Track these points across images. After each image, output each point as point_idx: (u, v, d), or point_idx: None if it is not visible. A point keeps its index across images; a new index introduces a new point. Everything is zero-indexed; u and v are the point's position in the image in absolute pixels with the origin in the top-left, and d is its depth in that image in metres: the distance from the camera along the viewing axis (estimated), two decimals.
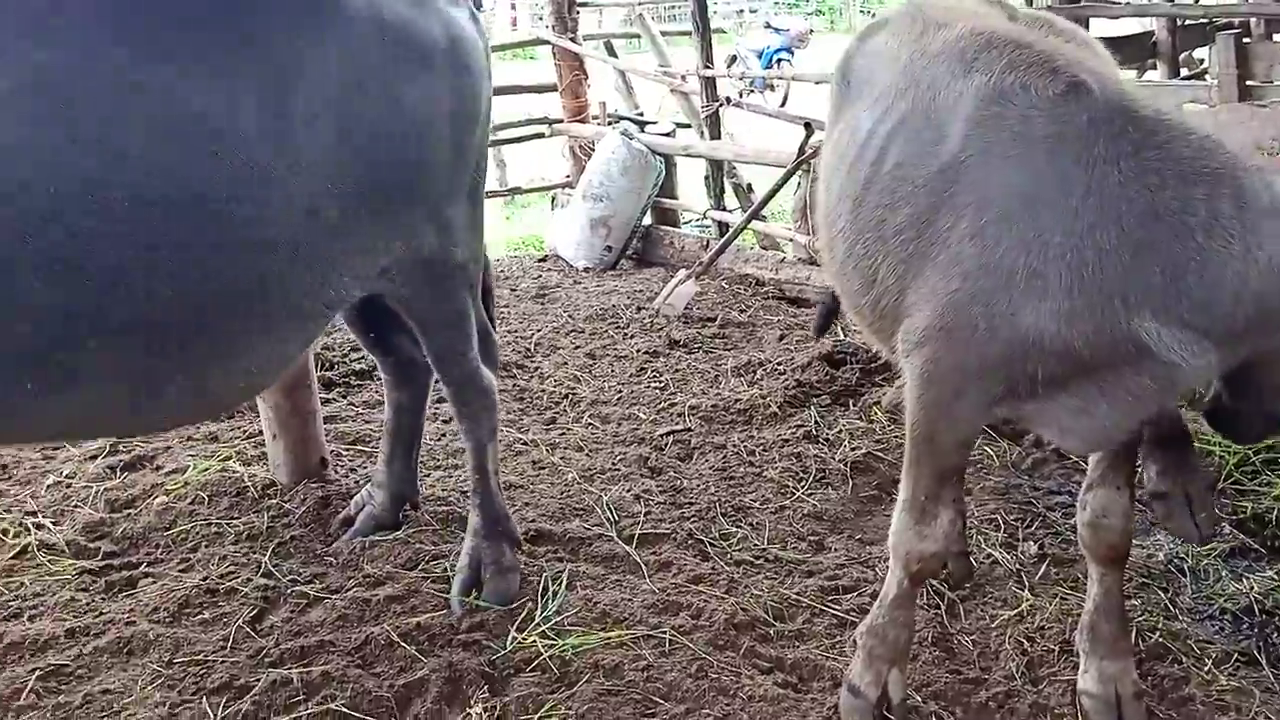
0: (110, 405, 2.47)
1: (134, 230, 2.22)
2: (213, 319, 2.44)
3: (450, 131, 2.87)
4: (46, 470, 4.16)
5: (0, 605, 3.23)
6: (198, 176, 2.29)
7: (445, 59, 2.84)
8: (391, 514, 3.64)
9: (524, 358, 5.46)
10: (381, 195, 2.70)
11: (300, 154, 2.46)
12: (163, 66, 2.27)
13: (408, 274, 2.91)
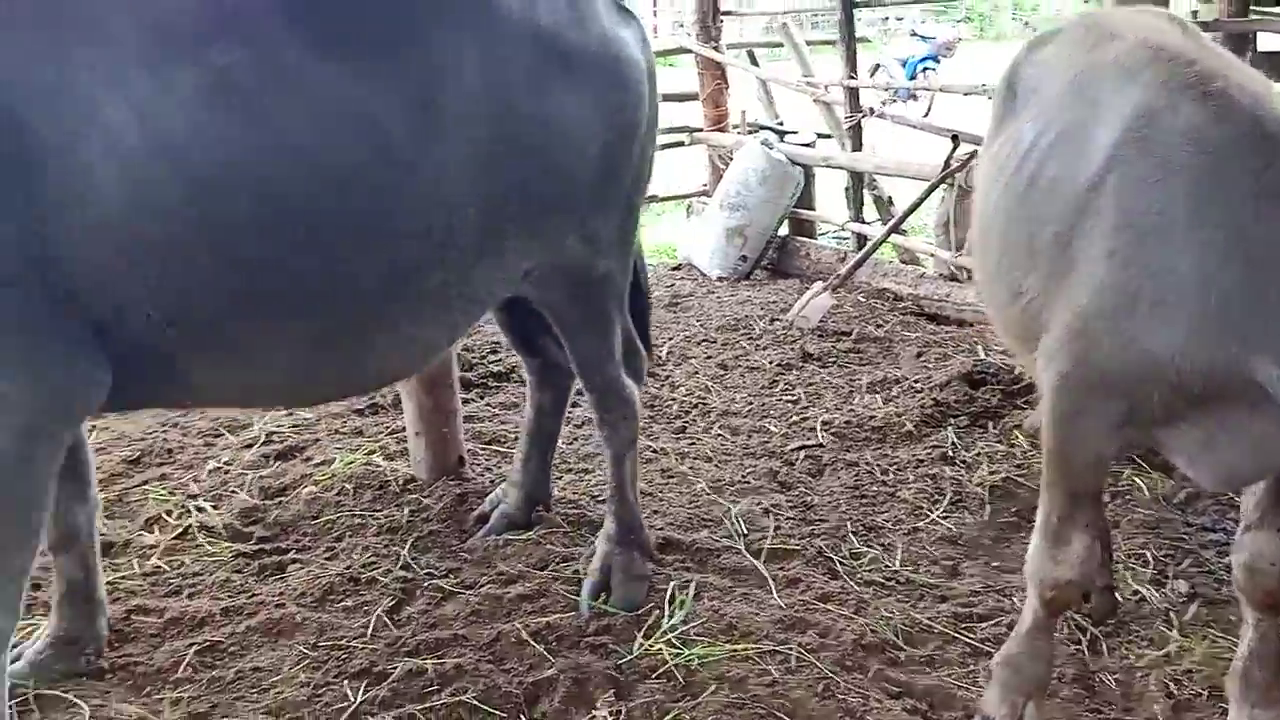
0: (273, 376, 2.70)
1: (298, 214, 2.43)
2: (363, 300, 2.62)
3: (600, 146, 2.90)
4: (208, 456, 4.41)
5: (163, 582, 3.45)
6: (354, 167, 2.47)
7: (600, 74, 2.87)
8: (524, 514, 3.72)
9: (655, 366, 5.49)
10: (524, 200, 2.78)
11: (447, 152, 2.58)
12: (327, 66, 2.44)
13: (551, 280, 2.99)
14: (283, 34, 2.42)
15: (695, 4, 8.41)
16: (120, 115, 2.23)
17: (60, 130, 2.20)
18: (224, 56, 2.34)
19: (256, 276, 2.44)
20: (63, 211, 2.22)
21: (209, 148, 2.30)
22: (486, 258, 2.78)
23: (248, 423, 4.78)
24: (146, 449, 4.50)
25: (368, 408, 4.93)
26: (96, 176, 2.22)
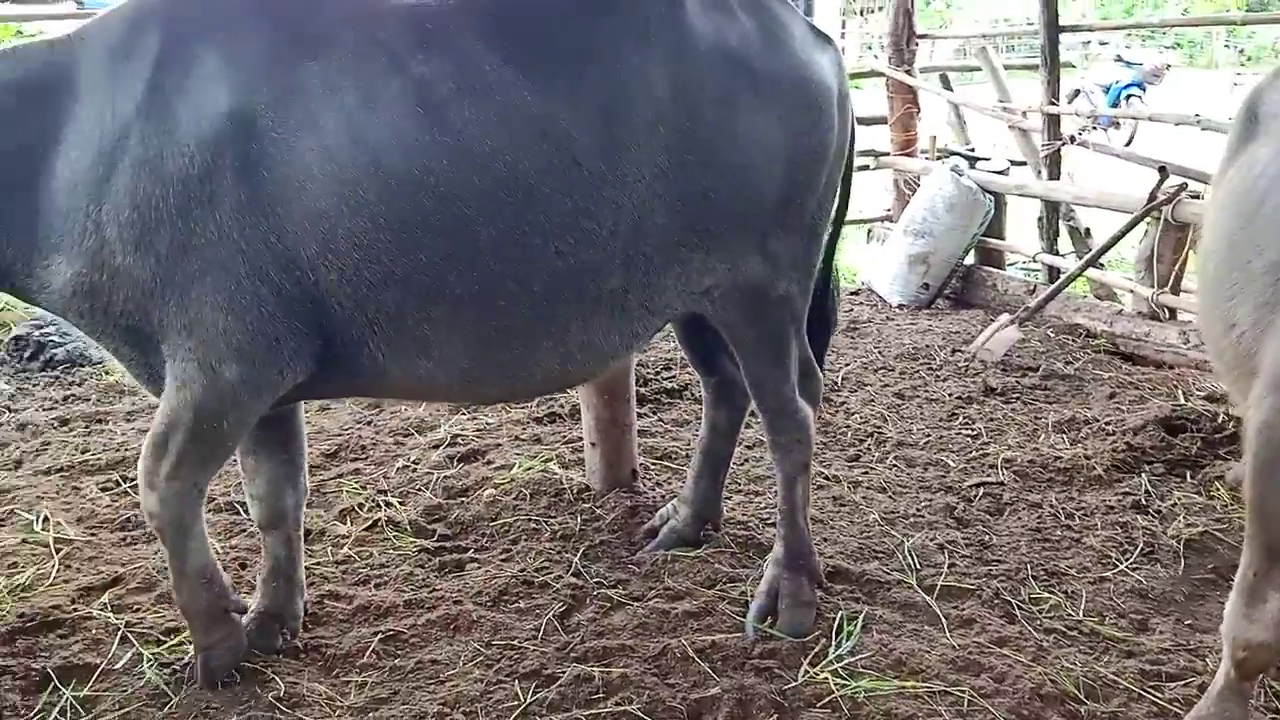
0: (450, 371, 2.85)
1: (480, 217, 2.60)
2: (545, 299, 2.75)
3: (785, 166, 2.91)
4: (397, 454, 4.65)
5: (353, 571, 3.65)
6: (536, 173, 2.63)
7: (789, 97, 2.89)
8: (693, 531, 3.75)
9: (830, 391, 5.44)
10: (705, 217, 2.84)
11: (630, 163, 2.70)
12: (518, 77, 2.62)
13: (730, 298, 3.00)
14: (479, 47, 2.63)
15: (890, 26, 8.31)
16: (333, 120, 2.54)
17: (286, 132, 2.53)
18: (423, 67, 2.59)
19: (438, 274, 2.63)
20: (278, 205, 2.54)
21: (403, 151, 2.55)
22: (667, 270, 2.86)
23: (435, 424, 5.01)
24: (343, 444, 4.79)
25: (546, 416, 5.08)
26: (310, 175, 2.53)
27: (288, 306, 2.61)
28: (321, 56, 2.58)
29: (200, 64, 2.54)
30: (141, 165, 2.52)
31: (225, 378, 2.64)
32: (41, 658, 3.09)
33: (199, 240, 2.54)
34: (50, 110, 2.59)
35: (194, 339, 2.62)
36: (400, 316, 2.67)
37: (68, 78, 2.61)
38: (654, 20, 2.75)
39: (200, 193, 2.51)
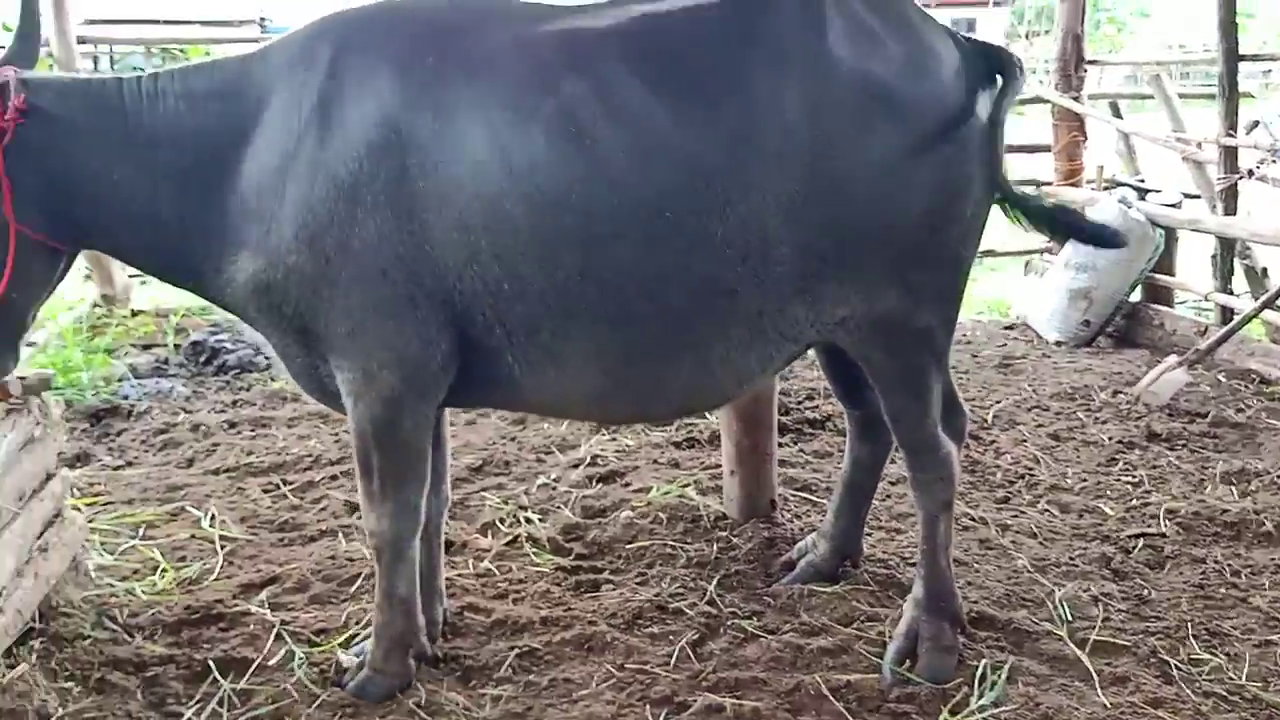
0: (585, 386, 2.91)
1: (616, 235, 2.69)
2: (677, 319, 2.80)
3: (926, 199, 2.84)
4: (539, 471, 4.74)
5: (492, 585, 3.74)
6: (670, 195, 2.69)
7: (935, 130, 2.82)
8: (832, 566, 3.69)
9: (980, 429, 5.27)
10: (839, 246, 2.81)
11: (764, 188, 2.71)
12: (655, 102, 2.70)
13: (866, 330, 2.95)
14: (623, 72, 2.71)
15: (1057, 51, 8.03)
16: (484, 137, 2.67)
17: (441, 146, 2.66)
18: (570, 90, 2.68)
19: (574, 289, 2.71)
20: (430, 216, 2.67)
21: (546, 169, 2.65)
22: (802, 296, 2.84)
23: (576, 443, 5.09)
24: (487, 458, 4.91)
25: (685, 441, 5.10)
26: (461, 187, 2.66)
27: (438, 312, 2.74)
28: (480, 77, 2.71)
29: (369, 79, 2.70)
30: (316, 168, 2.68)
31: (387, 381, 2.78)
32: (204, 649, 3.27)
33: (360, 244, 2.67)
34: (241, 116, 2.78)
35: (356, 343, 2.76)
36: (535, 329, 2.77)
37: (257, 87, 2.79)
38: (794, 50, 2.75)
39: (363, 198, 2.66)
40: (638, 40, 2.79)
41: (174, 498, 4.50)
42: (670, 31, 2.82)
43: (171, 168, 2.77)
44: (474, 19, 2.86)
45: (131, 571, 3.83)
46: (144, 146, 2.76)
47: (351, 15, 2.91)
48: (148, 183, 2.77)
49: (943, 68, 2.87)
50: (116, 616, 3.42)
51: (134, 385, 6.06)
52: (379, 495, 2.94)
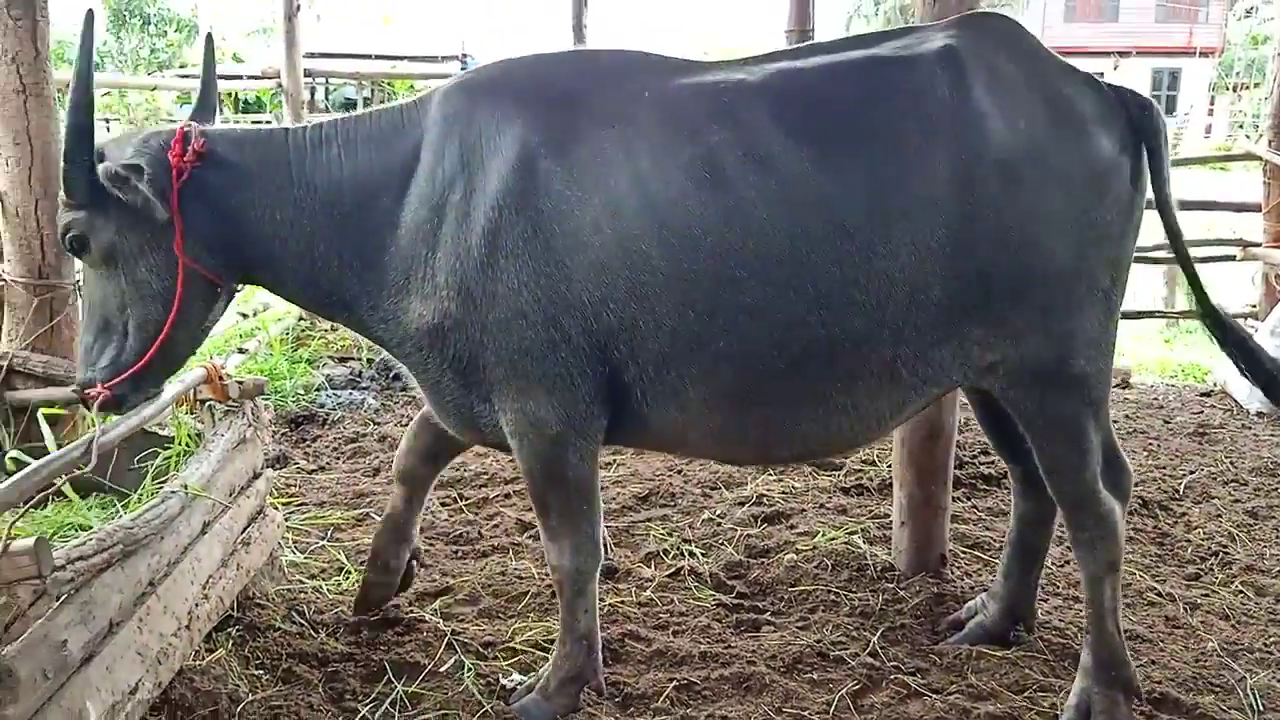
0: (710, 424, 2.99)
1: (750, 279, 2.76)
2: (805, 364, 2.83)
3: (1072, 245, 2.83)
4: (704, 506, 4.78)
5: (653, 615, 3.78)
6: (810, 242, 2.74)
7: (1076, 175, 2.82)
8: (1002, 629, 3.56)
9: (1169, 499, 4.99)
10: (985, 294, 2.81)
11: (904, 239, 2.75)
12: (797, 152, 2.78)
13: (1015, 376, 2.92)
14: (767, 123, 2.80)
15: (1271, 107, 7.58)
16: (623, 182, 2.78)
17: (577, 191, 2.79)
18: (714, 137, 2.78)
19: (703, 330, 2.79)
20: (567, 256, 2.78)
21: (684, 212, 2.75)
22: (944, 343, 2.86)
23: (742, 482, 5.10)
24: (654, 489, 4.98)
25: (854, 488, 5.03)
26: (599, 229, 2.77)
27: (581, 351, 2.84)
28: (619, 125, 2.83)
29: (508, 129, 2.84)
30: (463, 217, 2.82)
31: (543, 418, 2.90)
32: (380, 651, 3.45)
33: (504, 288, 2.80)
34: (396, 164, 2.95)
35: (512, 385, 2.89)
36: (664, 367, 2.85)
37: (411, 136, 2.96)
38: (937, 104, 2.80)
39: (503, 243, 2.79)
40: (784, 91, 2.87)
41: (360, 504, 4.76)
42: (811, 85, 2.90)
43: (330, 210, 2.96)
44: (613, 71, 3.01)
45: (319, 570, 4.08)
46: (304, 190, 2.95)
47: (496, 68, 3.12)
48: (307, 224, 2.95)
49: (1082, 116, 2.87)
50: (304, 612, 3.65)
51: (330, 395, 6.46)
52: (556, 531, 3.07)
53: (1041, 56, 2.95)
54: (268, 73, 8.59)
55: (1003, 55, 2.89)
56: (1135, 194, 2.93)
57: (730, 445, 3.14)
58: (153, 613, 2.84)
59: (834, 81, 2.90)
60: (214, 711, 2.97)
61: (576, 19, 8.39)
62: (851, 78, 2.89)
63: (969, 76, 2.81)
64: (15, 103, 3.97)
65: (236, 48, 36.28)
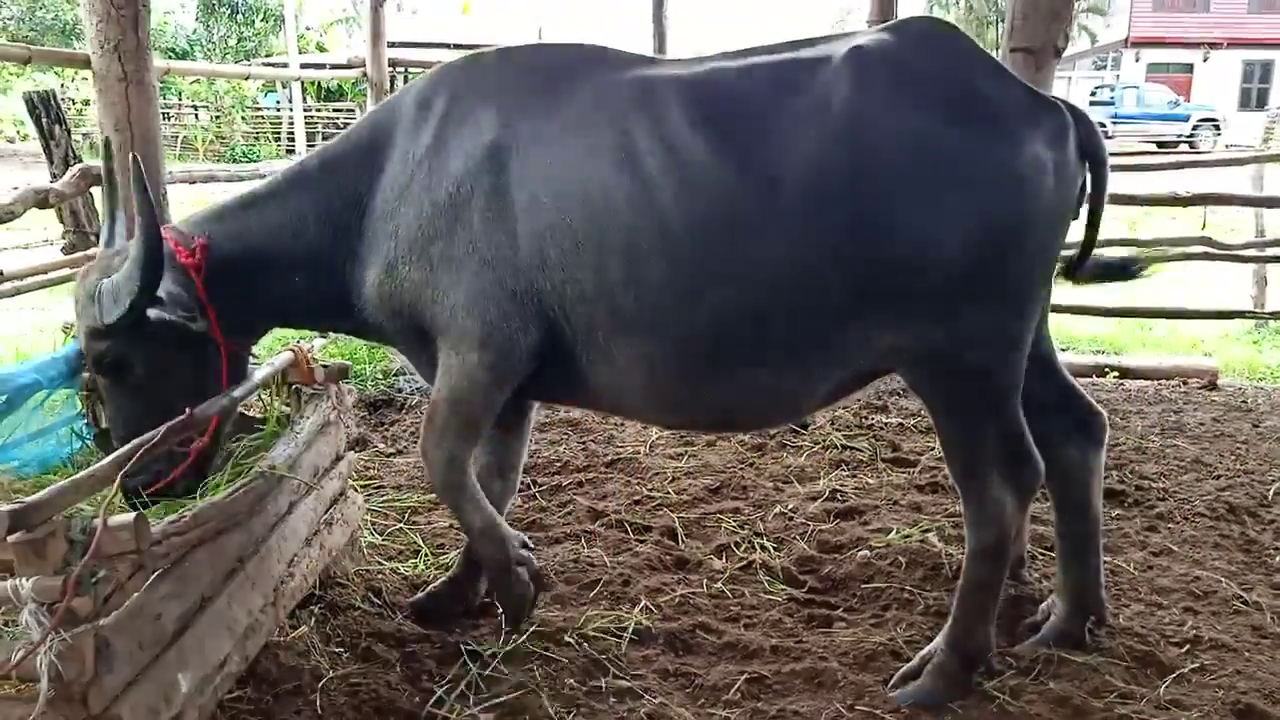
0: (637, 388, 3.20)
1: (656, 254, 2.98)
2: (711, 337, 3.03)
3: (975, 239, 2.84)
4: (776, 500, 4.76)
5: (725, 607, 3.79)
6: (709, 222, 2.95)
7: (982, 170, 2.85)
8: (1077, 628, 3.49)
9: (1258, 505, 4.84)
10: (881, 282, 2.89)
11: (799, 225, 2.88)
12: (699, 140, 2.97)
13: (914, 362, 3.03)
14: (678, 113, 3.01)
15: None
16: (560, 161, 3.06)
17: (526, 168, 3.09)
18: (633, 125, 3.02)
19: (620, 298, 3.02)
20: (518, 223, 3.07)
21: (602, 190, 3.01)
22: (844, 326, 2.97)
23: (815, 476, 5.08)
24: (725, 481, 4.99)
25: (929, 485, 4.98)
26: (538, 202, 3.06)
27: (519, 309, 3.11)
28: (565, 110, 3.12)
29: (472, 116, 3.17)
30: (424, 191, 3.15)
31: (472, 362, 3.16)
32: (455, 633, 3.52)
33: (458, 251, 3.11)
34: (373, 165, 3.27)
35: (453, 333, 3.17)
36: (593, 330, 3.10)
37: (385, 134, 3.29)
38: (836, 99, 2.90)
39: (461, 214, 3.10)
40: (697, 85, 3.09)
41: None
42: (727, 81, 3.10)
43: (327, 231, 3.28)
44: (568, 65, 3.27)
45: (397, 552, 4.17)
46: (298, 222, 3.28)
47: (462, 63, 3.41)
48: (306, 254, 3.28)
49: (993, 112, 2.89)
50: (382, 591, 3.73)
51: (408, 380, 6.58)
52: (435, 446, 3.31)
53: (964, 58, 3.00)
54: (354, 62, 8.73)
55: (916, 55, 2.97)
56: (1060, 198, 2.93)
57: (658, 409, 3.36)
58: (242, 589, 2.93)
59: (747, 79, 3.08)
60: (297, 687, 3.06)
61: (657, 8, 8.38)
62: (763, 76, 3.06)
63: (870, 75, 2.91)
64: (117, 89, 4.11)
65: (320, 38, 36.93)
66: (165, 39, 33.24)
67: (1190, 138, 32.09)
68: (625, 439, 5.69)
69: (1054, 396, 3.43)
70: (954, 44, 3.04)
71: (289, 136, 29.67)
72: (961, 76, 2.96)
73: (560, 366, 3.22)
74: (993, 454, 3.10)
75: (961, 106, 2.90)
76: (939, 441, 3.25)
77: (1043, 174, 2.89)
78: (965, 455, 3.13)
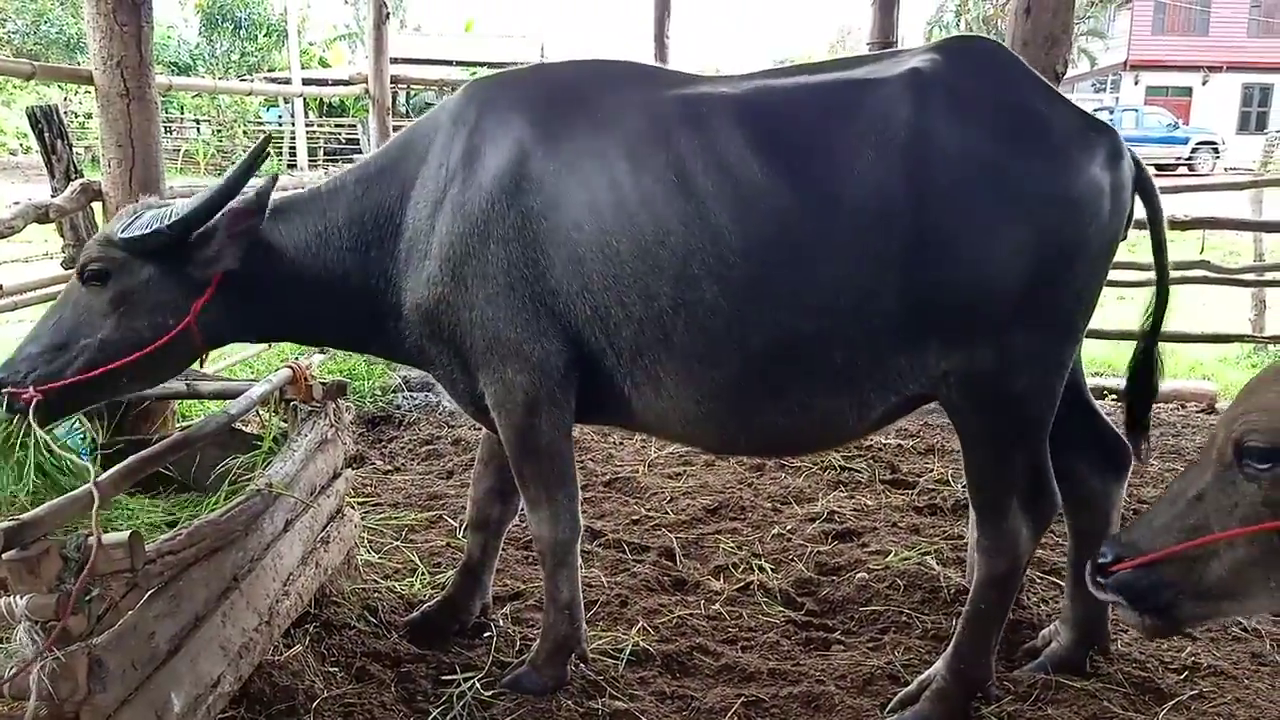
0: (681, 413, 3.11)
1: (709, 276, 2.90)
2: (763, 360, 2.95)
3: (1030, 263, 2.83)
4: (774, 521, 4.75)
5: (722, 629, 3.78)
6: (763, 245, 2.87)
7: (1038, 194, 2.84)
8: (1077, 656, 3.48)
9: None
10: (938, 305, 2.86)
11: (856, 249, 2.84)
12: (756, 160, 2.91)
13: (959, 386, 2.96)
14: (731, 132, 2.93)
15: None
16: (603, 183, 2.96)
17: (563, 189, 2.98)
18: (682, 145, 2.94)
19: (669, 322, 2.95)
20: (551, 247, 2.98)
21: (651, 213, 2.91)
22: (900, 350, 2.92)
23: (813, 497, 5.07)
24: (724, 501, 4.97)
25: (927, 507, 4.97)
26: (578, 225, 2.96)
27: (557, 329, 3.02)
28: (606, 130, 3.02)
29: (505, 132, 3.06)
30: (459, 208, 3.04)
31: (519, 386, 3.07)
32: (451, 654, 3.50)
33: (494, 269, 3.00)
34: (405, 179, 3.17)
35: (495, 355, 3.06)
36: (638, 355, 3.02)
37: (418, 150, 3.19)
38: (896, 123, 2.86)
39: (496, 231, 2.99)
40: (751, 104, 3.01)
41: (434, 506, 4.83)
42: (780, 101, 3.03)
43: (359, 247, 3.16)
44: (606, 81, 3.18)
45: (393, 570, 4.15)
46: (332, 237, 3.17)
47: (497, 78, 3.36)
48: (340, 272, 3.16)
49: (1049, 135, 2.89)
50: (379, 610, 3.71)
51: (407, 397, 6.57)
52: (535, 501, 3.25)
53: (1020, 80, 2.99)
54: (355, 79, 8.76)
55: (973, 77, 2.96)
56: (1114, 222, 2.94)
57: (701, 433, 3.25)
58: (236, 607, 2.91)
59: (801, 98, 3.03)
60: (290, 707, 3.04)
61: (659, 27, 8.42)
62: (818, 96, 3.02)
63: (930, 97, 2.88)
64: (119, 106, 4.12)
65: (323, 53, 37.06)
66: (168, 53, 33.35)
67: (1189, 160, 32.20)
68: (624, 458, 5.68)
69: (1081, 426, 3.39)
70: (1007, 66, 3.03)
71: (290, 151, 29.74)
72: (1018, 99, 2.94)
73: (600, 389, 3.12)
74: (1017, 484, 3.08)
75: (1020, 129, 2.89)
76: (964, 467, 3.20)
77: (1100, 197, 2.89)
78: (990, 483, 3.11)
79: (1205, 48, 38.69)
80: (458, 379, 3.23)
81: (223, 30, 36.11)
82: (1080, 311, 2.99)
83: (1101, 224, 2.90)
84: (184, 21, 37.15)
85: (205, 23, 36.30)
